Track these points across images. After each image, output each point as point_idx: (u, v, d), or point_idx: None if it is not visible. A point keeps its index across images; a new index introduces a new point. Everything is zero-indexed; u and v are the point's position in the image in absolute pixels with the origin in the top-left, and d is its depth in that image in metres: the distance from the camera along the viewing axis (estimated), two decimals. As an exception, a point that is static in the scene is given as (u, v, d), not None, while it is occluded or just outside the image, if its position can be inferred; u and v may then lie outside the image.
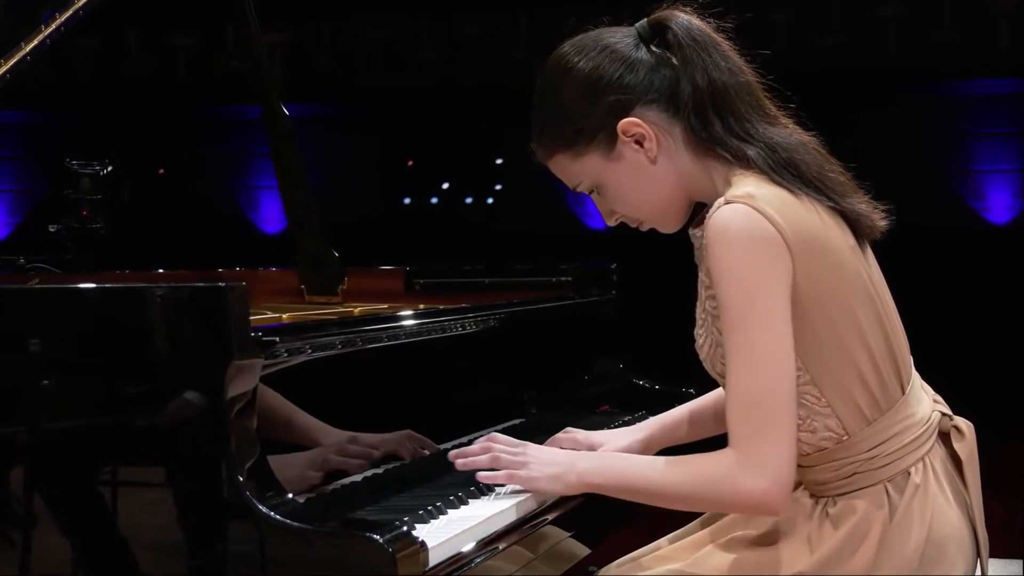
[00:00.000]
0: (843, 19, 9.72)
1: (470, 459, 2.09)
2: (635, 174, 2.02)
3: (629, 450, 2.37)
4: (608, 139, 2.01)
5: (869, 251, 2.04)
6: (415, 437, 2.32)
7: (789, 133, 2.00)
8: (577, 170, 2.06)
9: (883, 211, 2.03)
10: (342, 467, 2.10)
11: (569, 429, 2.43)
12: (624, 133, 2.00)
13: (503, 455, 2.05)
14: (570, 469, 2.00)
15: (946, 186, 9.72)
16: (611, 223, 2.13)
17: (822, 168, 1.98)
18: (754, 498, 1.85)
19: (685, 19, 2.01)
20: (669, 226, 2.09)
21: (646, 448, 2.40)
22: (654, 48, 2.02)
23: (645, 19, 2.05)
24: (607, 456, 2.07)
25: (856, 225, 1.98)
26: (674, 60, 2.00)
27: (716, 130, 1.97)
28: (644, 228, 2.12)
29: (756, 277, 1.85)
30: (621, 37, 2.04)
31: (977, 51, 9.39)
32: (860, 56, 9.49)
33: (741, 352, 1.85)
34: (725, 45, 2.02)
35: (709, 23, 2.03)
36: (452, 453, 2.12)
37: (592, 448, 2.38)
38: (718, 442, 2.00)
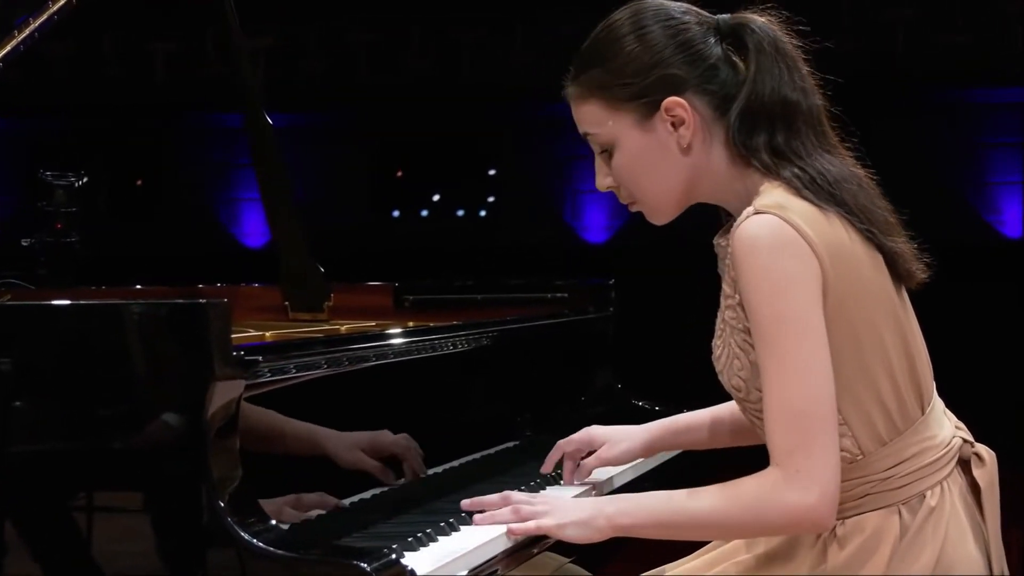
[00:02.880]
0: (849, 22, 9.75)
1: (488, 513, 2.07)
2: (656, 153, 2.05)
3: (631, 450, 2.44)
4: (649, 108, 2.03)
5: (904, 290, 2.06)
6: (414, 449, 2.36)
7: (845, 165, 2.03)
8: (603, 120, 2.07)
9: (925, 263, 2.06)
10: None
11: (561, 442, 2.47)
12: (667, 111, 2.03)
13: (524, 505, 2.04)
14: (598, 513, 1.98)
15: (959, 199, 9.73)
16: (601, 188, 2.14)
17: (871, 202, 2.01)
18: (802, 514, 1.86)
19: (770, 27, 2.05)
20: (660, 217, 2.12)
21: (648, 450, 2.46)
22: (726, 46, 2.05)
23: (728, 15, 2.08)
24: (635, 495, 2.05)
25: (893, 264, 2.01)
26: (739, 62, 2.04)
27: (757, 142, 2.00)
28: (634, 208, 2.14)
29: (788, 285, 1.88)
30: (700, 22, 2.06)
31: (990, 56, 9.41)
32: (867, 61, 9.52)
33: (777, 364, 1.88)
34: (803, 64, 2.05)
35: (791, 38, 2.06)
36: (466, 503, 2.12)
37: (591, 444, 2.45)
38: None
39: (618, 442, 2.45)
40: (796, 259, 1.88)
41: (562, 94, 2.12)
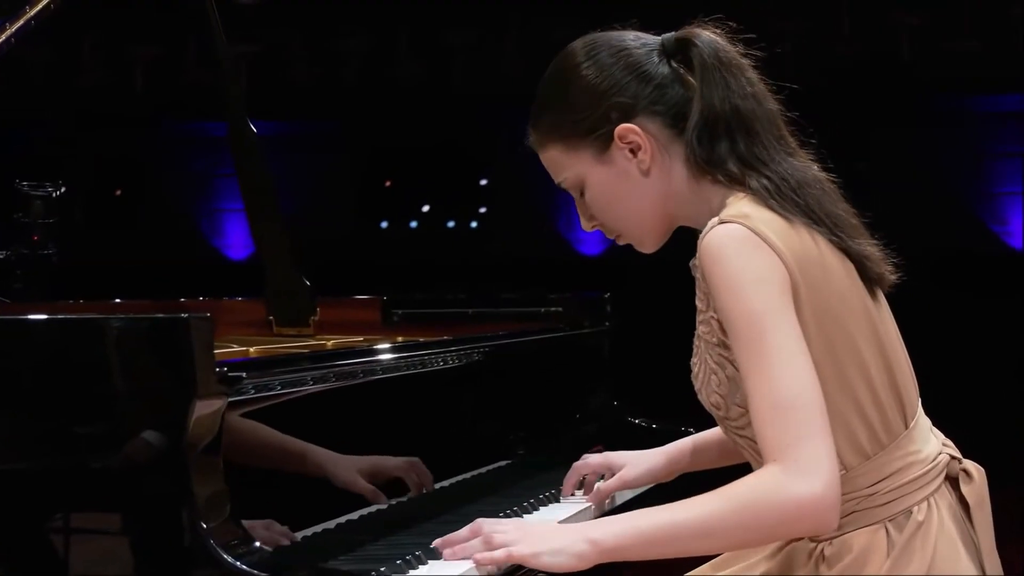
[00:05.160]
0: (854, 27, 9.77)
1: (459, 546, 1.99)
2: (622, 182, 2.09)
3: (652, 471, 2.48)
4: (604, 140, 2.08)
5: (880, 294, 2.08)
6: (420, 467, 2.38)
7: (806, 168, 2.06)
8: (566, 163, 2.13)
9: (894, 263, 2.08)
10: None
11: (586, 456, 2.53)
12: (620, 139, 2.07)
13: (496, 534, 1.96)
14: (579, 538, 1.91)
15: (965, 209, 9.75)
16: (587, 229, 2.19)
17: (834, 206, 2.04)
18: (809, 505, 1.84)
19: (712, 39, 2.08)
20: (646, 244, 2.16)
21: (670, 469, 2.50)
22: (674, 64, 2.10)
23: (672, 33, 2.12)
24: (620, 515, 1.98)
25: (862, 268, 2.03)
26: (691, 79, 2.07)
27: (721, 154, 2.03)
28: (621, 242, 2.18)
29: (757, 283, 1.90)
30: (642, 45, 2.11)
31: (998, 63, 9.43)
32: (872, 67, 9.54)
33: (758, 361, 1.88)
34: (752, 71, 2.08)
35: (737, 48, 2.08)
36: (437, 542, 2.03)
37: (610, 468, 2.49)
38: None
39: (637, 464, 2.48)
40: (763, 259, 1.91)
41: (527, 144, 2.17)
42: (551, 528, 2.00)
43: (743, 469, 2.07)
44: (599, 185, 2.11)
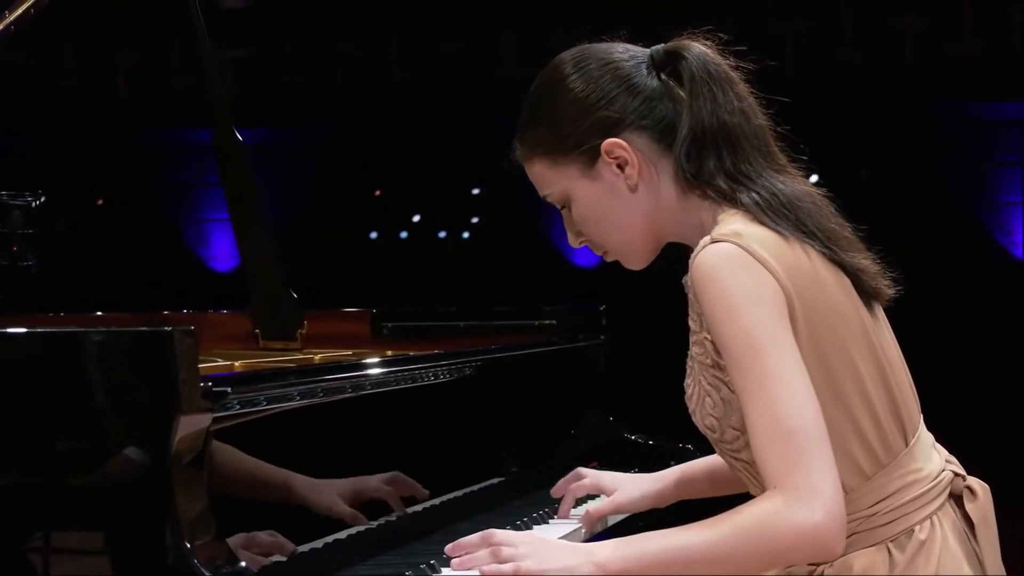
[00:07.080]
0: (855, 31, 9.79)
1: (467, 556, 2.00)
2: (609, 198, 2.09)
3: (645, 497, 2.48)
4: (590, 155, 2.08)
5: (878, 308, 2.08)
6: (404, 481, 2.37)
7: (796, 183, 2.06)
8: (552, 178, 2.14)
9: (891, 277, 2.08)
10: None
11: (580, 469, 2.52)
12: (607, 154, 2.07)
13: (504, 547, 1.97)
14: (586, 559, 1.92)
15: (970, 219, 9.77)
16: (575, 244, 2.20)
17: (827, 220, 2.04)
18: (810, 532, 1.84)
19: (702, 51, 2.08)
20: (633, 261, 2.16)
21: (662, 497, 2.49)
22: (663, 77, 2.10)
23: (662, 45, 2.12)
24: (628, 538, 1.99)
25: (857, 281, 2.03)
26: (681, 93, 2.08)
27: (709, 169, 2.03)
28: (609, 258, 2.18)
29: (751, 303, 1.90)
30: (631, 57, 2.12)
31: (1000, 68, 9.45)
32: (874, 70, 9.55)
33: (755, 383, 1.89)
34: (741, 86, 2.08)
35: (728, 60, 2.09)
36: (449, 548, 2.03)
37: (600, 490, 2.49)
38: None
39: (631, 490, 2.49)
40: (756, 278, 1.91)
41: (513, 158, 2.18)
42: (558, 546, 2.00)
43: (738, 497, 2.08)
44: (586, 201, 2.12)
